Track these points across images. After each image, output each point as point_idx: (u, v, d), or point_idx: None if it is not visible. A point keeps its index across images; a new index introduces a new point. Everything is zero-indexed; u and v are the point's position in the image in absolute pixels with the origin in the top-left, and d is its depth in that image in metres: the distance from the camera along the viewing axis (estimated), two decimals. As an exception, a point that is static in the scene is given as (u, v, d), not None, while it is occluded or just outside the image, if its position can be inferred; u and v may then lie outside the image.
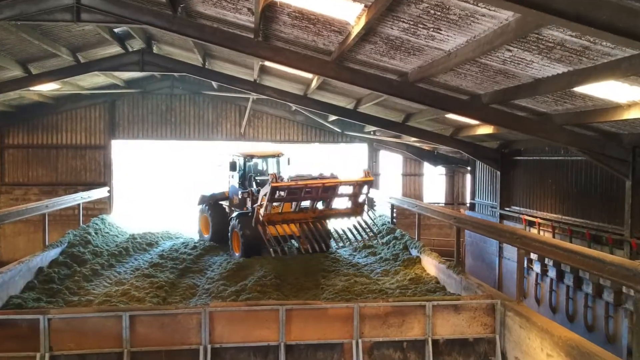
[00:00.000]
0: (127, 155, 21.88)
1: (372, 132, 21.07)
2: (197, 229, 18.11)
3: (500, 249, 15.83)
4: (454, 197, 23.91)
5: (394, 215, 18.40)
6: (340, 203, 14.84)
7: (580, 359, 6.99)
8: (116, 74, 17.58)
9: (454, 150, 20.62)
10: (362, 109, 14.95)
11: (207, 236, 17.28)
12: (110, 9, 9.16)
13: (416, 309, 9.20)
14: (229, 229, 15.37)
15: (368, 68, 9.92)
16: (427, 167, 23.49)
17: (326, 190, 13.52)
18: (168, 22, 9.33)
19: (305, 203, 14.13)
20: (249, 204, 15.12)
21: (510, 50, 7.01)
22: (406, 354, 9.23)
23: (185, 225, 19.66)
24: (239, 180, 16.05)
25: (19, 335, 8.40)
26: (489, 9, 5.90)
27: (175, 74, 18.92)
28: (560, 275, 12.37)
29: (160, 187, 23.92)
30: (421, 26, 7.07)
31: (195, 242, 17.21)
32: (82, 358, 8.55)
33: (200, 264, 15.25)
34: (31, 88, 15.39)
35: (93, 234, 16.38)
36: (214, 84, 19.01)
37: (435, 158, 21.76)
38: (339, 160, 22.78)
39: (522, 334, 8.59)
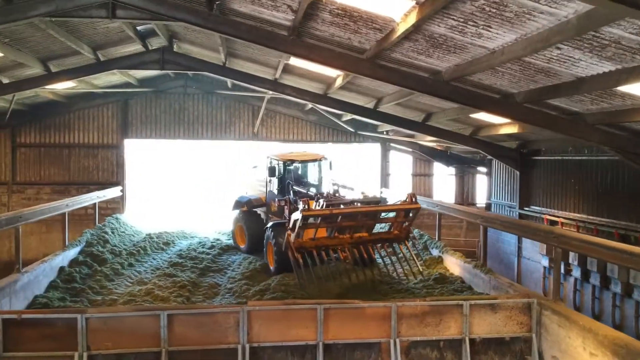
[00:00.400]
0: (140, 154, 21.75)
1: (384, 132, 21.05)
2: (232, 238, 16.88)
3: (519, 248, 15.84)
4: (463, 197, 23.91)
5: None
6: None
7: (628, 358, 6.97)
8: (131, 72, 17.51)
9: (467, 151, 20.65)
10: (382, 108, 14.92)
11: (243, 247, 15.99)
12: (146, 5, 9.11)
13: (453, 308, 9.17)
14: (264, 239, 13.97)
15: (401, 66, 9.89)
16: (437, 168, 23.52)
17: (367, 215, 11.97)
18: (203, 19, 9.29)
19: None
20: (286, 212, 13.75)
21: (559, 49, 7.00)
22: (443, 353, 9.18)
23: (200, 224, 19.61)
24: (278, 186, 14.82)
25: (57, 334, 8.31)
26: (550, 6, 5.89)
27: (189, 72, 18.85)
28: (586, 275, 12.37)
29: (173, 187, 23.79)
30: (471, 24, 7.05)
31: (212, 242, 17.13)
32: (119, 357, 8.46)
33: (219, 263, 15.19)
34: (49, 86, 15.25)
35: (110, 233, 16.28)
36: (229, 83, 18.97)
37: (448, 158, 21.78)
38: (351, 160, 22.70)
39: (560, 333, 8.58)
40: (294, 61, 12.30)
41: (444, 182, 24.03)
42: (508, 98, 10.08)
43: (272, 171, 14.66)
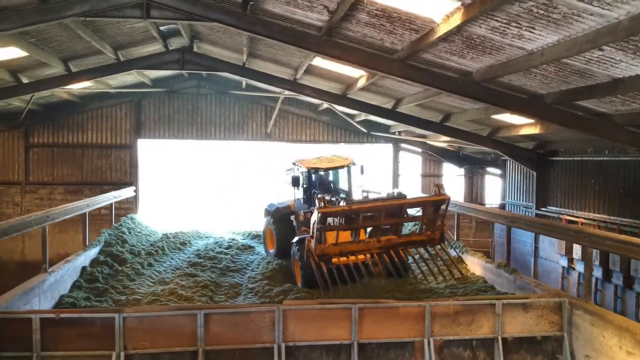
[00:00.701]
0: (152, 154, 21.76)
1: (396, 133, 21.11)
2: (262, 241, 16.21)
3: (536, 248, 15.91)
4: (472, 197, 24.00)
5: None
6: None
7: (669, 356, 7.03)
8: (146, 72, 17.51)
9: (479, 151, 20.75)
10: (401, 108, 14.97)
11: (272, 251, 15.25)
12: (180, 5, 9.15)
13: (485, 308, 9.22)
14: (291, 254, 13.07)
15: (432, 67, 9.94)
16: (446, 168, 23.63)
17: (391, 213, 10.76)
18: (236, 19, 9.34)
19: None
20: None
21: (602, 50, 7.06)
22: (475, 352, 9.24)
23: (213, 224, 19.64)
24: (304, 195, 13.91)
25: (94, 333, 8.33)
26: (602, 8, 5.94)
27: (203, 73, 18.88)
28: (607, 275, 12.44)
29: (186, 187, 23.84)
30: (514, 25, 7.10)
31: (228, 242, 17.16)
32: (156, 357, 8.48)
33: (238, 263, 15.22)
34: (67, 86, 15.25)
35: (127, 233, 16.28)
36: (244, 83, 19.01)
37: (459, 159, 21.86)
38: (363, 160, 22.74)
39: (594, 332, 8.63)
40: (318, 62, 12.35)
41: (453, 183, 24.16)
42: (536, 99, 10.15)
43: (295, 182, 13.71)
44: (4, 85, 14.01)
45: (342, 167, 14.02)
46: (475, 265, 13.49)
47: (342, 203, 11.34)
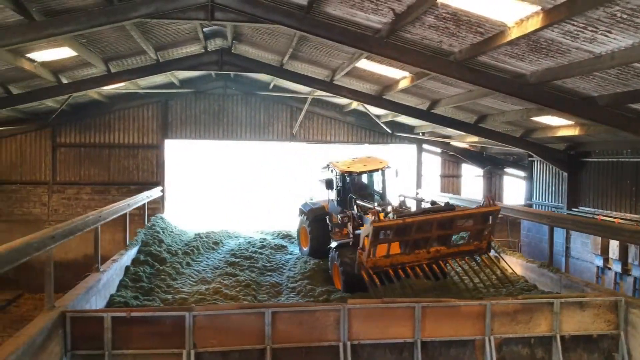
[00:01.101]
0: (177, 154, 21.83)
1: (420, 134, 21.26)
2: (297, 239, 16.31)
3: (567, 248, 16.06)
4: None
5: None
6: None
7: None
8: (176, 73, 17.56)
9: (503, 152, 20.92)
10: (437, 110, 15.12)
11: (306, 249, 15.34)
12: (243, 8, 9.27)
13: (543, 306, 9.36)
14: (329, 259, 13.14)
15: (487, 69, 10.08)
16: (465, 169, 23.83)
17: (442, 225, 10.84)
18: (297, 21, 9.48)
19: None
20: (349, 228, 12.87)
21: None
22: (533, 350, 9.38)
23: (241, 224, 19.75)
24: (338, 197, 14.01)
25: (164, 332, 8.41)
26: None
27: (230, 73, 18.97)
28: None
29: (212, 187, 23.94)
30: (590, 29, 7.23)
31: (260, 242, 17.26)
32: (225, 355, 8.58)
33: (273, 262, 15.34)
34: (106, 87, 15.33)
35: (161, 233, 16.37)
36: (272, 84, 19.13)
37: (482, 159, 22.02)
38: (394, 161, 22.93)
39: (651, 331, 8.79)
40: (363, 64, 12.48)
41: (471, 184, 24.36)
42: (587, 101, 10.30)
43: (329, 185, 13.85)
44: (46, 85, 14.09)
45: (377, 170, 14.03)
46: (514, 264, 13.61)
47: (390, 215, 11.33)
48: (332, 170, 14.27)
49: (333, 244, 12.98)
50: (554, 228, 12.49)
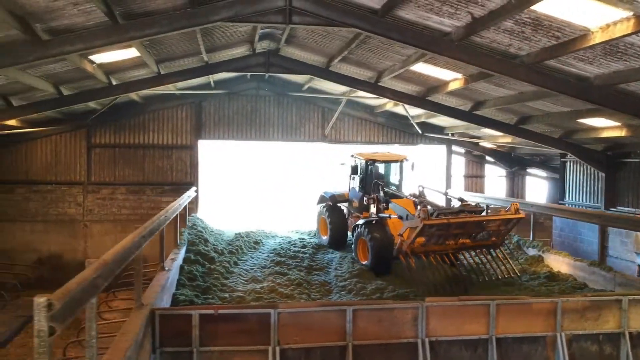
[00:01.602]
0: (209, 154, 22.01)
1: (449, 134, 21.49)
2: (316, 229, 17.77)
3: (605, 247, 16.30)
4: (514, 198, 24.47)
5: (488, 215, 18.70)
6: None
7: None
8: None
9: (532, 152, 21.17)
10: (483, 112, 15.34)
11: (325, 238, 16.83)
12: (319, 11, 9.46)
13: (611, 304, 9.59)
14: (354, 235, 14.71)
15: (553, 72, 10.28)
16: (488, 169, 24.14)
17: (475, 225, 12.74)
18: (371, 24, 9.66)
19: None
20: (372, 209, 14.82)
21: None
22: (602, 347, 9.61)
23: (275, 224, 19.93)
24: (360, 184, 15.78)
25: (250, 329, 8.58)
26: None
27: (266, 75, 19.14)
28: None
29: (238, 186, 24.11)
30: (676, 34, 7.46)
31: (301, 241, 17.43)
32: (308, 351, 8.75)
33: (318, 261, 15.51)
34: (154, 89, 15.49)
35: (204, 232, 16.53)
36: (307, 86, 19.32)
37: (510, 160, 22.27)
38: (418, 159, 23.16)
39: None
40: (418, 67, 12.67)
41: (495, 184, 24.66)
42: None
43: (354, 170, 15.76)
44: (96, 86, 14.23)
45: (397, 161, 16.05)
46: (560, 263, 13.87)
47: (429, 208, 12.65)
48: (355, 160, 16.01)
49: (360, 222, 14.60)
50: (588, 226, 13.07)
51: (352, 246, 15.08)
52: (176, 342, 8.50)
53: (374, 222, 14.27)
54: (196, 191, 20.04)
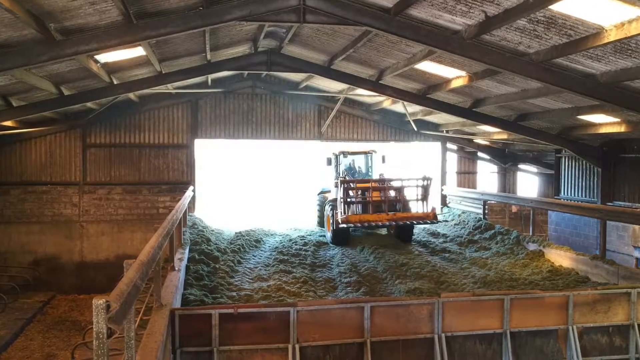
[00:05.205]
0: (205, 153, 21.90)
1: (444, 131, 21.67)
2: (318, 225, 19.14)
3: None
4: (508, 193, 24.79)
5: (486, 211, 18.95)
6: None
7: None
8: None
9: (525, 148, 21.44)
10: (482, 109, 15.50)
11: (330, 234, 17.21)
12: (334, 10, 9.48)
13: (620, 297, 9.81)
14: (324, 214, 17.35)
15: (557, 68, 10.43)
16: (480, 165, 24.46)
17: (385, 189, 15.80)
18: (386, 23, 9.71)
19: None
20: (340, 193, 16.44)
21: None
22: (612, 338, 9.83)
23: (272, 222, 19.93)
24: (335, 174, 17.80)
25: (269, 327, 8.62)
26: None
27: (262, 73, 19.12)
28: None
29: (240, 185, 24.03)
30: (689, 32, 7.62)
31: (301, 239, 17.46)
32: (326, 348, 8.81)
33: (320, 258, 15.57)
34: (155, 88, 15.37)
35: (205, 232, 16.46)
36: (304, 84, 19.31)
37: (504, 156, 22.55)
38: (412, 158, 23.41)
39: None
40: (423, 65, 12.77)
41: (486, 180, 24.99)
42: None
43: (328, 161, 18.04)
44: (97, 85, 14.09)
45: (363, 153, 18.50)
46: (561, 258, 14.10)
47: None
48: (332, 153, 18.27)
49: (328, 200, 17.24)
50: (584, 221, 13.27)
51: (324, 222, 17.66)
52: (196, 341, 8.50)
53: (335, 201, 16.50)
54: (193, 190, 19.92)
